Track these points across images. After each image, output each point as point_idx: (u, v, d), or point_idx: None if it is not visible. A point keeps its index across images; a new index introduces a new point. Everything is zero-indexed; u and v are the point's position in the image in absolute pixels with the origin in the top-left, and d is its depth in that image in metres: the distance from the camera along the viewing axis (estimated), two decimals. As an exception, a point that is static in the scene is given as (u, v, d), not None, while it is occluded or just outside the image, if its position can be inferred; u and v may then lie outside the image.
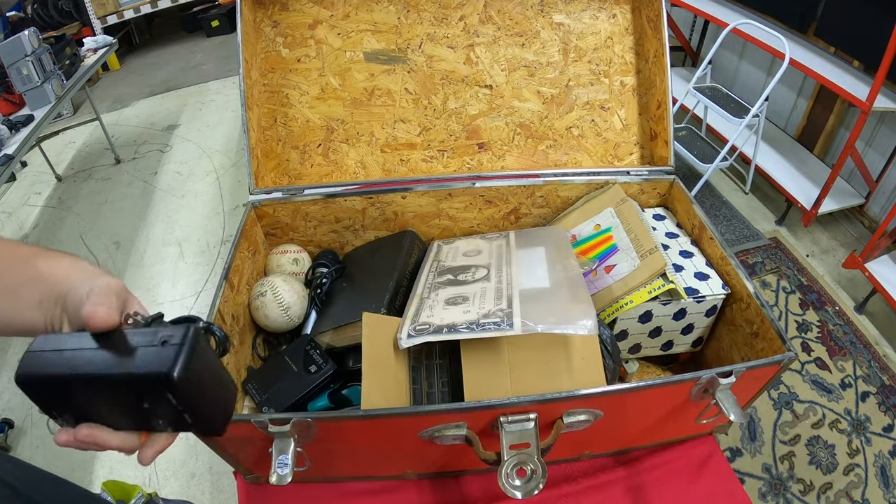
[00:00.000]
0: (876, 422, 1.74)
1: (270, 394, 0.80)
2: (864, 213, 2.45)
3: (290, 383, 0.81)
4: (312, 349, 0.85)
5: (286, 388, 0.80)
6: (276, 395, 0.80)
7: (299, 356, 0.84)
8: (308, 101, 1.03)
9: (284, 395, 0.79)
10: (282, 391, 0.80)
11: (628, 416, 0.72)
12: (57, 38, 2.57)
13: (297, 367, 0.82)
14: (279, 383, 0.81)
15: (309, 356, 0.83)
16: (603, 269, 0.91)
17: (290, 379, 0.81)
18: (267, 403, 0.79)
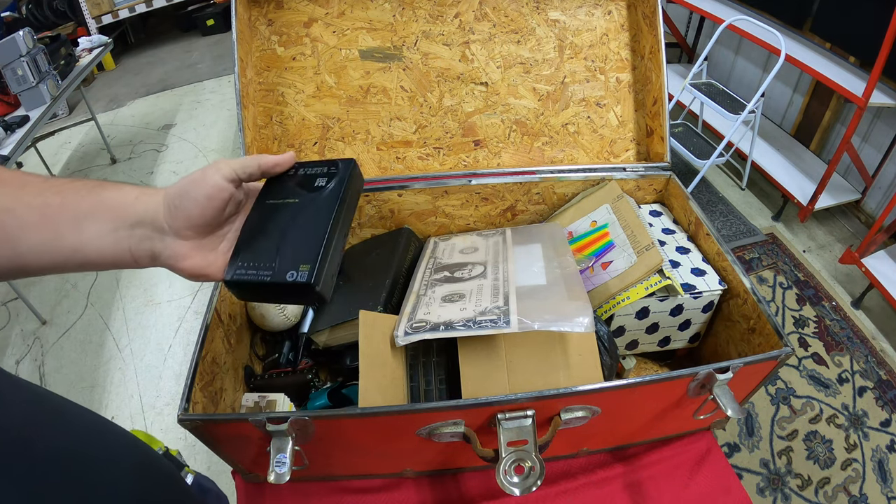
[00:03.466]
0: (873, 417, 1.74)
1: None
2: (861, 208, 2.46)
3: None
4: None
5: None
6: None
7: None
8: (303, 100, 1.03)
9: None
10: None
11: (626, 413, 0.72)
12: (52, 38, 2.56)
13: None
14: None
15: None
16: (600, 266, 0.91)
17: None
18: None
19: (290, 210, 0.51)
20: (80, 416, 0.49)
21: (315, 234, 0.48)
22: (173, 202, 0.45)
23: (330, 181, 0.52)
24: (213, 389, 0.74)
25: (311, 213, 0.50)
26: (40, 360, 2.09)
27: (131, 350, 2.11)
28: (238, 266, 0.48)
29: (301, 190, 0.52)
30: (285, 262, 0.47)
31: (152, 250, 0.45)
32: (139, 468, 0.53)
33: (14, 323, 2.26)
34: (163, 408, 1.89)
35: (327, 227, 0.49)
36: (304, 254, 0.47)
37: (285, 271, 0.47)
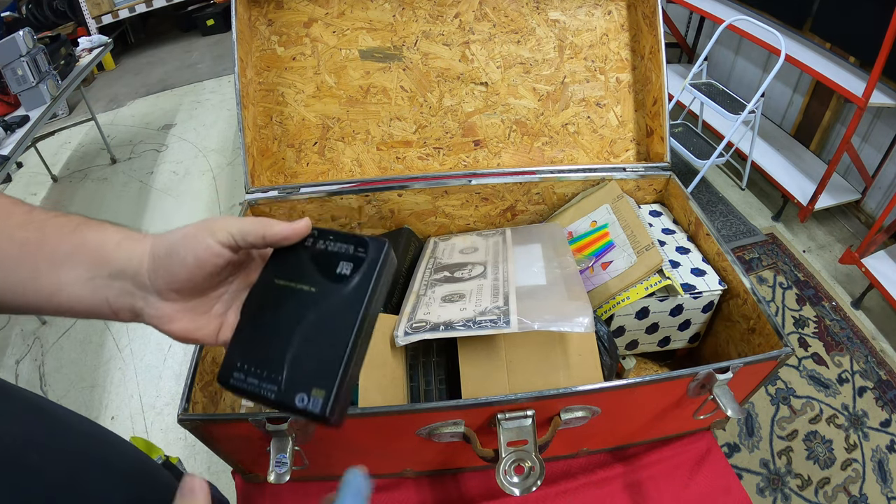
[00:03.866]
0: (873, 417, 1.74)
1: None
2: (861, 208, 2.46)
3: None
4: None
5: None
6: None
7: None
8: (303, 100, 1.03)
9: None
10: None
11: (626, 413, 0.72)
12: (52, 38, 2.56)
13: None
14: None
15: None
16: (599, 266, 0.91)
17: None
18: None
19: (304, 302, 0.42)
20: (76, 426, 0.49)
21: (334, 349, 0.39)
22: (158, 258, 0.40)
23: (356, 269, 0.42)
24: (213, 389, 0.74)
25: (331, 315, 0.41)
26: (40, 360, 2.09)
27: (131, 350, 2.11)
28: (237, 369, 0.41)
29: (319, 275, 0.43)
30: (295, 380, 0.39)
31: (133, 307, 0.40)
32: (136, 479, 0.52)
33: (14, 323, 2.26)
34: (163, 408, 1.89)
35: (349, 341, 0.39)
36: (318, 374, 0.39)
37: (294, 392, 0.39)
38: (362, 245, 0.43)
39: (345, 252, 0.43)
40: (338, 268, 0.42)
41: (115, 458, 0.50)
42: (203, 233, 0.40)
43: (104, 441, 0.51)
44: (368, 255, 0.43)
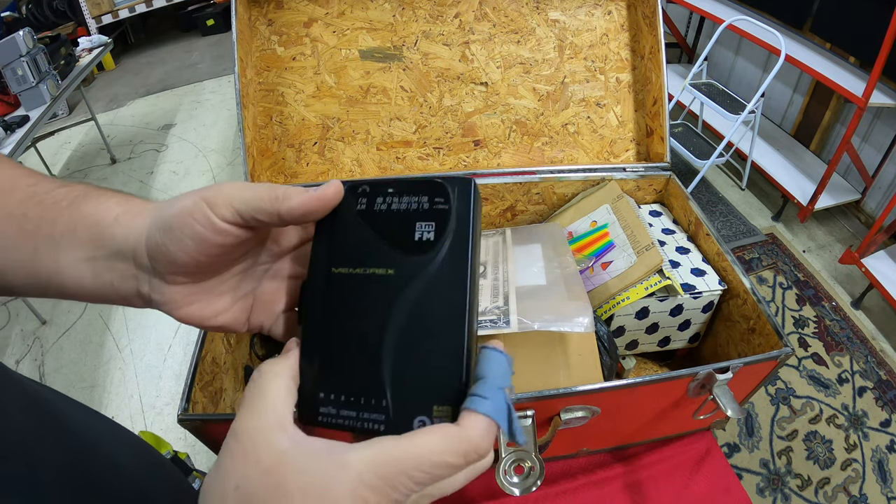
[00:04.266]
0: (873, 417, 1.74)
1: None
2: (861, 208, 2.46)
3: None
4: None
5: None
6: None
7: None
8: (303, 100, 1.03)
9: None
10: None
11: (626, 413, 0.72)
12: (52, 38, 2.56)
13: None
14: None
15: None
16: (599, 266, 0.91)
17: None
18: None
19: (384, 292, 0.31)
20: (85, 418, 0.48)
21: (446, 347, 0.30)
22: (155, 238, 0.33)
23: (442, 227, 0.31)
24: (213, 389, 0.74)
25: (428, 302, 0.31)
26: (40, 360, 2.09)
27: (131, 350, 2.11)
28: (322, 401, 0.31)
29: (392, 250, 0.32)
30: (406, 401, 0.30)
31: (139, 291, 0.35)
32: (145, 473, 0.52)
33: (14, 323, 2.26)
34: (163, 408, 1.89)
35: (464, 331, 0.30)
36: (434, 384, 0.30)
37: (409, 417, 0.30)
38: (439, 191, 0.32)
39: (418, 208, 0.32)
40: (416, 232, 0.32)
41: (125, 455, 0.49)
42: (201, 208, 0.33)
43: (113, 435, 0.51)
44: (454, 204, 0.32)
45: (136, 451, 0.52)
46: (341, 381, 0.31)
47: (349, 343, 0.32)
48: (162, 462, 0.55)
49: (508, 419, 0.29)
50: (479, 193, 0.32)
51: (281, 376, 0.31)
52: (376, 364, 0.31)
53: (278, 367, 0.32)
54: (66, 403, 0.46)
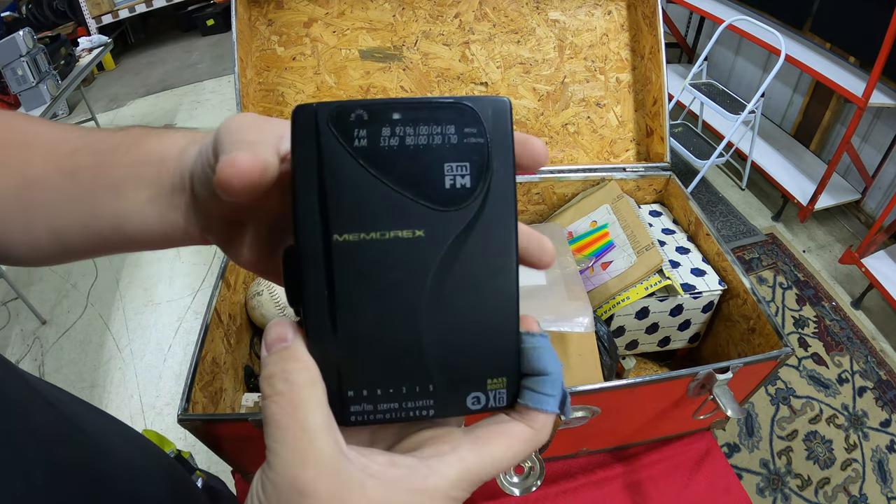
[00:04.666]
0: (873, 417, 1.74)
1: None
2: (861, 208, 2.46)
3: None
4: None
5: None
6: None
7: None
8: (303, 100, 1.03)
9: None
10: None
11: (626, 413, 0.72)
12: (52, 38, 2.56)
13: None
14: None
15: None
16: (599, 266, 0.91)
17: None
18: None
19: (417, 258, 0.25)
20: (96, 419, 0.48)
21: (495, 309, 0.26)
22: (194, 167, 0.30)
23: (480, 166, 0.25)
24: (213, 389, 0.74)
25: (472, 264, 0.25)
26: (40, 360, 2.09)
27: (131, 350, 2.11)
28: (354, 399, 0.25)
29: (417, 201, 0.25)
30: (456, 379, 0.26)
31: (200, 225, 0.31)
32: (155, 474, 0.51)
33: (14, 323, 2.26)
34: (163, 408, 1.89)
35: (514, 289, 0.27)
36: (486, 355, 0.26)
37: (462, 396, 0.26)
38: (468, 118, 0.25)
39: (443, 143, 0.25)
40: (446, 177, 0.25)
41: (129, 453, 0.49)
42: (206, 151, 0.28)
43: (124, 436, 0.50)
44: (489, 135, 0.25)
45: (146, 453, 0.51)
46: (372, 372, 0.25)
47: (375, 328, 0.25)
48: (170, 463, 0.55)
49: (564, 403, 0.28)
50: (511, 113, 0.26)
51: (318, 384, 0.25)
52: (414, 346, 0.25)
53: (310, 372, 0.25)
54: (79, 405, 0.45)
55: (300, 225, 0.24)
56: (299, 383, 0.24)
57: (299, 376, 0.24)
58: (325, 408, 0.24)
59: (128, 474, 0.43)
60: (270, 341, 0.26)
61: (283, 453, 0.23)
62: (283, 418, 0.23)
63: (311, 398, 0.24)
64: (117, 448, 0.45)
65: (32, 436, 0.33)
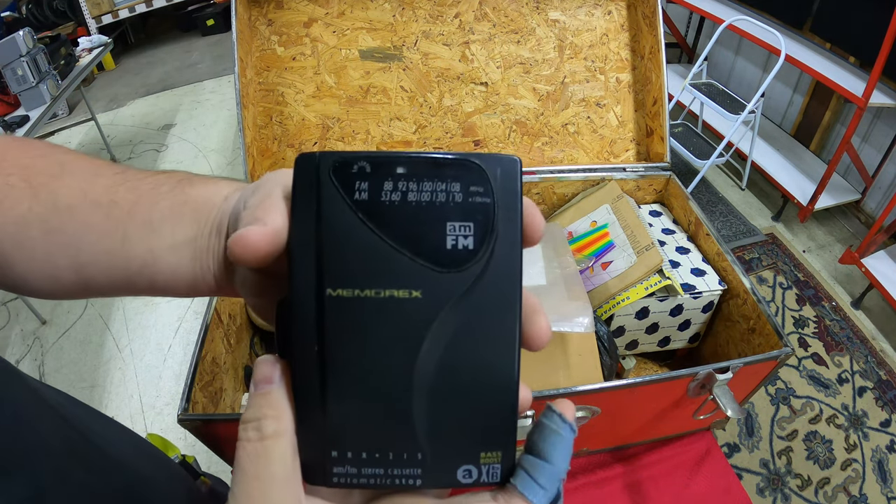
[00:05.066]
0: (873, 417, 1.74)
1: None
2: (861, 208, 2.46)
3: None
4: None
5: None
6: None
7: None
8: (303, 100, 1.03)
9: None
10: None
11: (626, 413, 0.72)
12: (52, 38, 2.56)
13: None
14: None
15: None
16: (599, 266, 0.91)
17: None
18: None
19: (413, 319, 0.24)
20: (104, 430, 0.47)
21: (494, 379, 0.25)
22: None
23: (485, 227, 0.24)
24: (213, 389, 0.74)
25: (472, 328, 0.24)
26: (40, 360, 2.09)
27: (131, 350, 2.11)
28: (338, 460, 0.24)
29: (416, 260, 0.24)
30: (447, 450, 0.25)
31: (231, 271, 0.31)
32: (166, 485, 0.51)
33: (14, 323, 2.26)
34: (163, 408, 1.89)
35: (514, 357, 0.25)
36: (480, 427, 0.25)
37: (452, 468, 0.25)
38: (475, 176, 0.24)
39: (447, 200, 0.24)
40: (448, 237, 0.24)
41: (148, 465, 0.49)
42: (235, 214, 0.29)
43: (134, 447, 0.50)
44: (497, 195, 0.24)
45: (152, 460, 0.51)
46: (359, 435, 0.24)
47: (365, 387, 0.24)
48: (175, 469, 0.55)
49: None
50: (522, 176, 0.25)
51: (286, 435, 0.24)
52: (405, 410, 0.24)
53: (281, 422, 0.24)
54: (86, 413, 0.45)
55: (294, 276, 0.24)
56: (267, 434, 0.24)
57: (268, 426, 0.24)
58: (287, 461, 0.24)
59: (135, 482, 0.43)
60: (257, 380, 0.26)
61: (240, 498, 0.23)
62: (247, 465, 0.24)
63: (274, 449, 0.24)
64: (124, 456, 0.44)
65: (43, 448, 0.33)
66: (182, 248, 0.30)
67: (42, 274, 0.32)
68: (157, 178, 0.32)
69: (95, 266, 0.31)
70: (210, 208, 0.30)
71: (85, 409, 0.45)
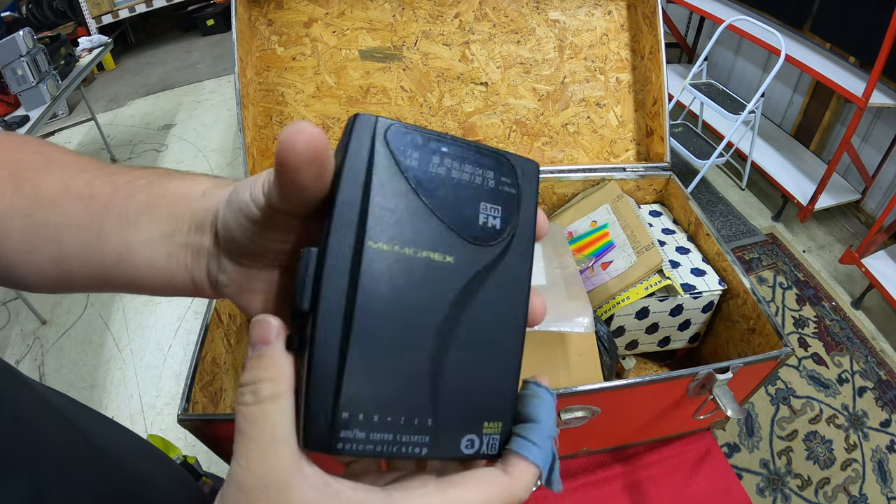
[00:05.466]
0: (873, 417, 1.74)
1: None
2: (861, 208, 2.46)
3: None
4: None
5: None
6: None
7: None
8: (303, 100, 1.03)
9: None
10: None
11: (626, 413, 0.72)
12: (52, 38, 2.56)
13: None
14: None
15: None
16: (599, 266, 0.91)
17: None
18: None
19: (442, 282, 0.25)
20: (104, 430, 0.47)
21: (501, 352, 0.26)
22: (223, 207, 0.29)
23: (509, 213, 0.27)
24: (213, 389, 0.74)
25: (488, 302, 0.26)
26: (40, 360, 2.09)
27: (131, 350, 2.11)
28: (346, 423, 0.23)
29: (452, 228, 0.25)
30: (454, 418, 0.25)
31: (209, 271, 0.30)
32: (167, 485, 0.51)
33: (14, 323, 2.26)
34: (163, 408, 1.89)
35: (521, 334, 0.27)
36: (486, 397, 0.26)
37: (458, 437, 0.25)
38: (506, 169, 0.27)
39: (482, 184, 0.26)
40: (480, 214, 0.26)
41: (132, 458, 0.49)
42: (253, 179, 0.28)
43: (135, 447, 0.50)
44: (521, 189, 0.27)
45: (154, 461, 0.51)
46: (376, 394, 0.23)
47: (388, 344, 0.24)
48: (178, 470, 0.55)
49: (551, 468, 0.27)
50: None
51: (283, 397, 0.24)
52: (422, 373, 0.24)
53: (278, 385, 0.24)
54: (87, 415, 0.45)
55: (336, 222, 0.24)
56: (264, 396, 0.24)
57: (265, 389, 0.24)
58: (286, 423, 0.24)
59: (136, 483, 0.43)
60: (253, 341, 0.26)
61: (240, 461, 0.23)
62: (245, 428, 0.24)
63: (271, 412, 0.24)
64: (125, 457, 0.44)
65: (43, 448, 0.33)
66: (157, 242, 0.30)
67: (28, 265, 0.32)
68: (135, 172, 0.32)
69: (76, 259, 0.31)
70: (187, 203, 0.30)
71: (85, 409, 0.45)
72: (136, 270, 0.30)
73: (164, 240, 0.30)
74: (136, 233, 0.30)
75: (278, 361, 0.25)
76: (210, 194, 0.30)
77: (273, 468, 0.23)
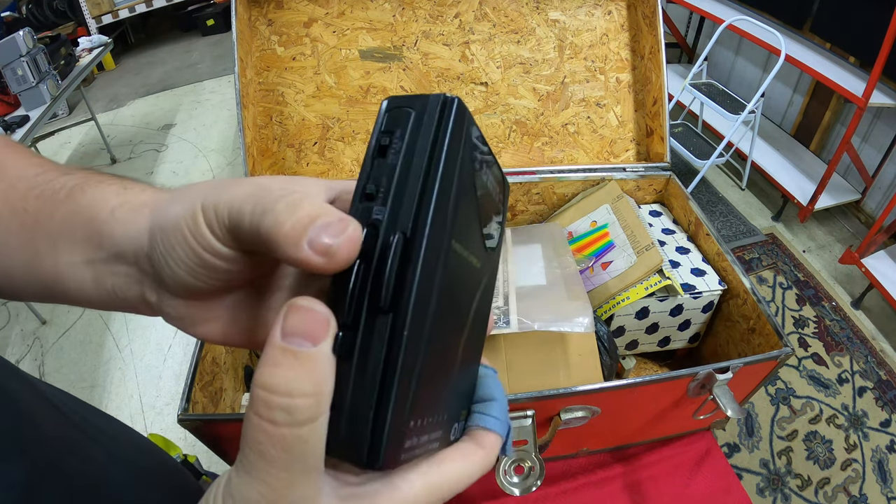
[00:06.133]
0: (873, 417, 1.74)
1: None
2: (861, 208, 2.46)
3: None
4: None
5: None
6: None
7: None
8: (303, 100, 1.03)
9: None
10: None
11: (626, 413, 0.72)
12: (52, 38, 2.56)
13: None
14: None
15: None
16: (599, 266, 0.91)
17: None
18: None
19: (473, 287, 0.26)
20: (97, 421, 0.47)
21: (476, 350, 0.29)
22: (155, 241, 0.25)
23: (500, 231, 0.29)
24: (213, 389, 0.74)
25: (482, 305, 0.28)
26: (40, 360, 2.09)
27: (131, 350, 2.11)
28: (410, 430, 0.21)
29: (483, 234, 0.26)
30: (452, 409, 0.26)
31: (145, 299, 0.27)
32: (167, 482, 0.51)
33: (14, 323, 2.26)
34: (163, 408, 1.89)
35: (484, 334, 0.30)
36: (466, 387, 0.28)
37: (451, 427, 0.26)
38: (506, 188, 0.29)
39: (502, 197, 0.29)
40: (493, 223, 0.27)
41: (133, 457, 0.48)
42: (195, 218, 0.24)
43: (135, 445, 0.50)
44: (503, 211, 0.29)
45: (154, 459, 0.51)
46: (433, 397, 0.22)
47: (444, 347, 0.23)
48: (178, 469, 0.55)
49: (507, 436, 0.30)
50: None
51: (321, 419, 0.20)
52: (456, 372, 0.25)
53: (321, 403, 0.20)
54: (87, 411, 0.45)
55: (437, 212, 0.21)
56: (302, 419, 0.19)
57: (304, 409, 0.19)
58: (320, 451, 0.20)
59: (135, 482, 0.43)
60: (293, 330, 0.20)
61: (258, 486, 0.20)
62: (272, 453, 0.19)
63: (311, 438, 0.19)
64: (125, 454, 0.44)
65: (41, 439, 0.33)
66: (81, 268, 0.28)
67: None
68: (59, 181, 0.30)
69: (18, 274, 0.30)
70: (97, 225, 0.27)
71: (85, 406, 0.45)
72: (71, 293, 0.29)
73: (86, 266, 0.28)
74: (59, 255, 0.28)
75: (323, 370, 0.20)
76: (119, 216, 0.27)
77: (302, 497, 0.20)
